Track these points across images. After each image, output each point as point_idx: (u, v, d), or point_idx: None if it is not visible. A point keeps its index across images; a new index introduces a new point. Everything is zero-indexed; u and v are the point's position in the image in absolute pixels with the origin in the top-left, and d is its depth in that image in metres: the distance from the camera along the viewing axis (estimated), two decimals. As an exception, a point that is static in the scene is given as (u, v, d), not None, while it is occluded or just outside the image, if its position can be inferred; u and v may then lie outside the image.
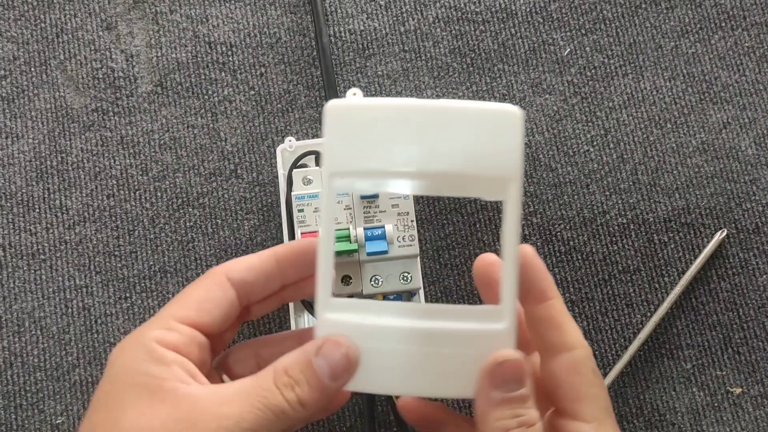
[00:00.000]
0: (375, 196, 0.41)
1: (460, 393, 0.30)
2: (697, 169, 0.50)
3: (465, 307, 0.30)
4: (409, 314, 0.30)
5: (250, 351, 0.34)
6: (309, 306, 0.41)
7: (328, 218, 0.29)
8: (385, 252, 0.40)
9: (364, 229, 0.40)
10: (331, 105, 0.30)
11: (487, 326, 0.29)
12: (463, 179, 0.29)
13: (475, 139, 0.29)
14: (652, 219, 0.49)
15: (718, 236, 0.48)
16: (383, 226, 0.40)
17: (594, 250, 0.49)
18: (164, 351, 0.29)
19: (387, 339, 0.29)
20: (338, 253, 0.40)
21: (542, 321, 0.32)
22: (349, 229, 0.40)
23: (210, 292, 0.31)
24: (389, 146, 0.29)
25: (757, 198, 0.49)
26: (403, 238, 0.40)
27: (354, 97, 0.38)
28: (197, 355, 0.30)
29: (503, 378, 0.29)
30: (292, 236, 0.41)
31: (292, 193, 0.41)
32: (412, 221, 0.41)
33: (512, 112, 0.30)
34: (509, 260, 0.29)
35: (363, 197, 0.41)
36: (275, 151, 0.49)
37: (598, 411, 0.30)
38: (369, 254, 0.40)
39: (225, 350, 0.35)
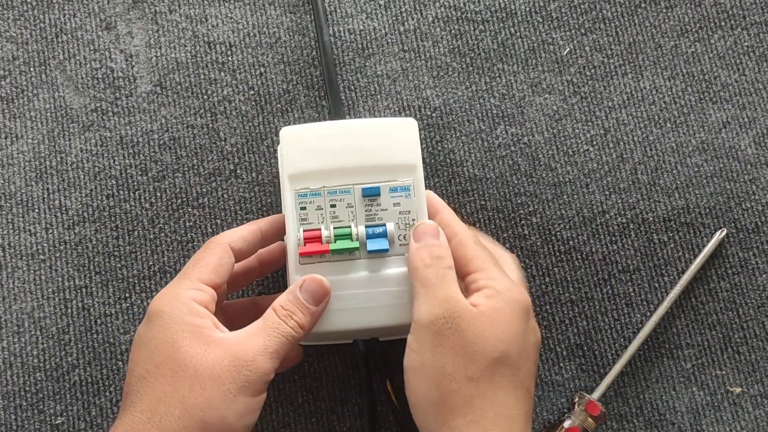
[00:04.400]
0: (377, 194, 0.41)
1: (399, 320, 0.40)
2: (696, 169, 0.50)
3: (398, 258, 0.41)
4: (357, 269, 0.40)
5: (250, 302, 0.46)
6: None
7: (293, 213, 0.41)
8: (386, 250, 0.40)
9: (366, 227, 0.40)
10: (285, 130, 0.42)
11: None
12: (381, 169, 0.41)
13: (386, 141, 0.41)
14: (651, 219, 0.49)
15: (718, 236, 0.49)
16: (385, 225, 0.40)
17: (594, 249, 0.49)
18: (199, 307, 0.38)
19: (343, 287, 0.40)
20: (339, 251, 0.40)
21: None
22: (350, 227, 0.40)
23: (221, 259, 0.40)
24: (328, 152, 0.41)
25: (756, 197, 0.49)
26: (404, 237, 0.40)
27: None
28: (213, 309, 0.39)
29: (421, 233, 0.40)
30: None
31: (294, 191, 0.41)
32: (413, 220, 0.41)
33: (410, 121, 0.42)
34: (420, 197, 0.41)
35: (364, 195, 0.41)
36: (275, 151, 0.49)
37: (483, 263, 0.39)
38: (370, 252, 0.40)
39: (227, 301, 0.45)
